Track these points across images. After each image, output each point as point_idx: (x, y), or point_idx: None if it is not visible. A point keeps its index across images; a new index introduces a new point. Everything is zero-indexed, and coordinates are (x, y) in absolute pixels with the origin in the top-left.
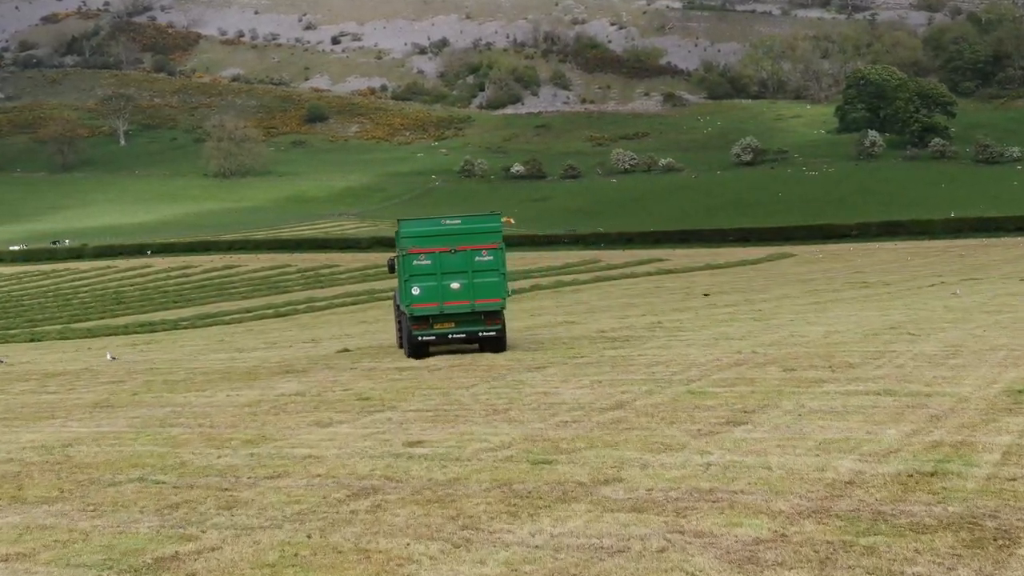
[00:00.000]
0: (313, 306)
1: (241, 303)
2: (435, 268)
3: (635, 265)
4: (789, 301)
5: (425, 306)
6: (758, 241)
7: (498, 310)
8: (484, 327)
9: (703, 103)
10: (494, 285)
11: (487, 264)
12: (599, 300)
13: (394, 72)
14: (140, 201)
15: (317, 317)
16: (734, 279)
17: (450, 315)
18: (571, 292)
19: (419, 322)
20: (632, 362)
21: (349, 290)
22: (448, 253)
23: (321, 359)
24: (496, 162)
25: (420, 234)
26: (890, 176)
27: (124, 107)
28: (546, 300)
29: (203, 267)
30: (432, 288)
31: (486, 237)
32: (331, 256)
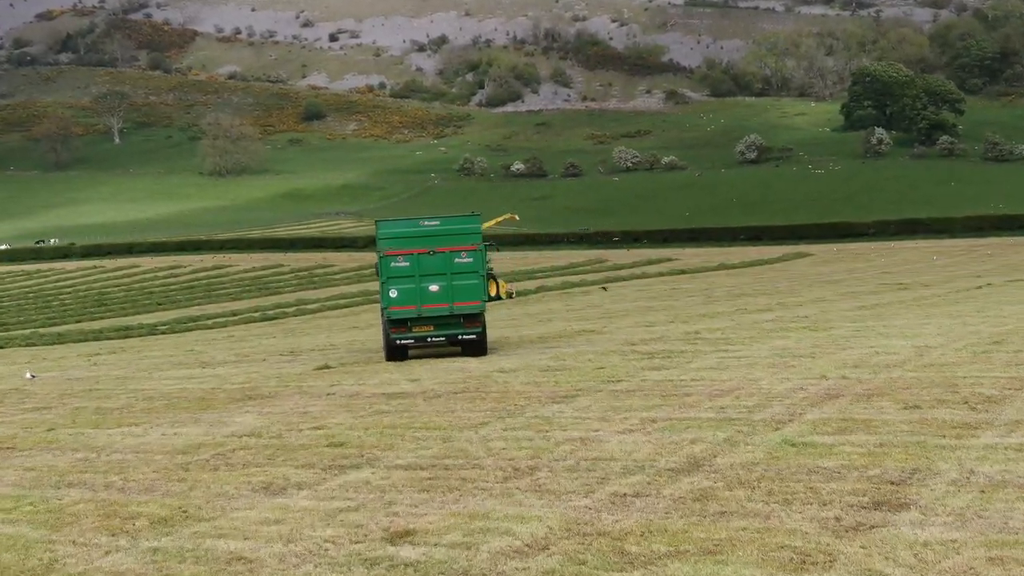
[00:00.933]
0: (303, 309)
1: (228, 305)
2: (413, 270)
3: (644, 265)
4: (829, 305)
5: (403, 309)
6: (770, 240)
7: (478, 313)
8: (463, 330)
9: (706, 100)
10: (473, 288)
11: (466, 266)
12: (613, 303)
13: (392, 69)
14: (134, 200)
15: (306, 321)
16: (753, 280)
17: (428, 318)
18: (581, 294)
19: (397, 325)
20: (687, 390)
21: (343, 291)
22: (426, 255)
23: (295, 379)
24: (496, 160)
25: (398, 235)
26: (898, 174)
27: (119, 105)
28: (554, 303)
29: (192, 267)
30: (410, 290)
31: (465, 238)
32: (326, 256)
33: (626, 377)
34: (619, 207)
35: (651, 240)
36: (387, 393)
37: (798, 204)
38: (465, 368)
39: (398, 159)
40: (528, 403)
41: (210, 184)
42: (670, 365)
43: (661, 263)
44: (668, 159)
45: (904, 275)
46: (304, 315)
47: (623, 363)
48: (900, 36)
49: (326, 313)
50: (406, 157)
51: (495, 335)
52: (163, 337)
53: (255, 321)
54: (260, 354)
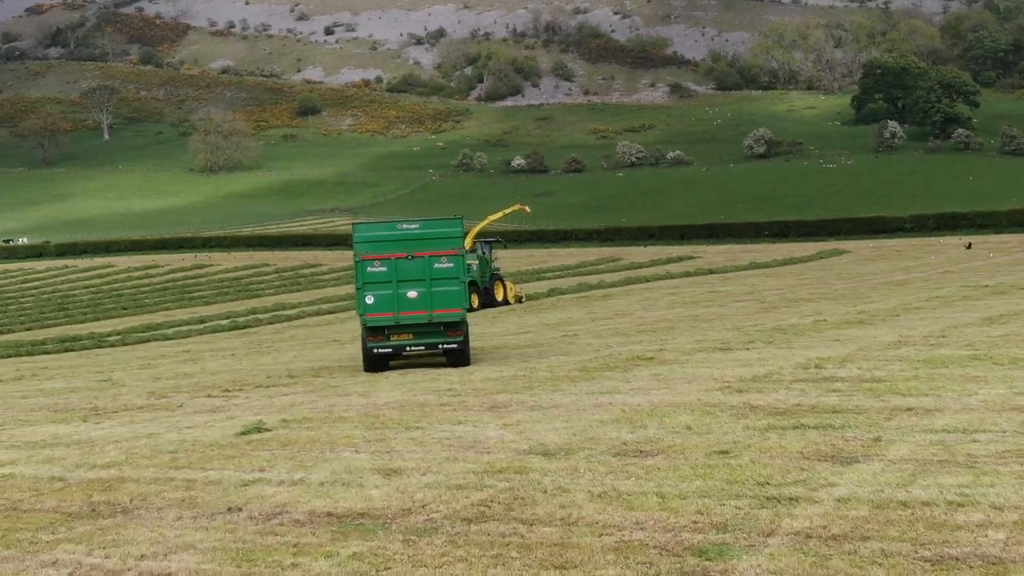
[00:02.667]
0: (280, 315)
1: (199, 310)
2: (390, 275)
3: (664, 263)
4: (934, 313)
5: (380, 316)
6: (797, 236)
7: (459, 321)
8: (444, 339)
9: (711, 94)
10: (454, 294)
11: (447, 272)
12: (645, 311)
13: (389, 63)
14: (122, 196)
15: (280, 332)
16: (797, 281)
17: (406, 326)
18: (601, 299)
19: (374, 333)
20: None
21: (328, 295)
22: (404, 259)
23: (193, 461)
24: (495, 155)
25: (375, 239)
26: (913, 168)
27: (108, 100)
28: (573, 309)
29: (170, 267)
30: (387, 297)
31: (446, 243)
32: (315, 254)
33: (796, 490)
34: (624, 203)
35: (666, 236)
36: (336, 513)
37: (811, 200)
38: (481, 446)
39: (395, 155)
40: None
41: (200, 181)
42: (870, 455)
43: (683, 261)
44: (674, 154)
45: (971, 274)
46: (280, 323)
47: (755, 441)
48: (910, 27)
49: (306, 320)
50: (403, 153)
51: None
52: (108, 351)
53: (223, 331)
54: (185, 391)
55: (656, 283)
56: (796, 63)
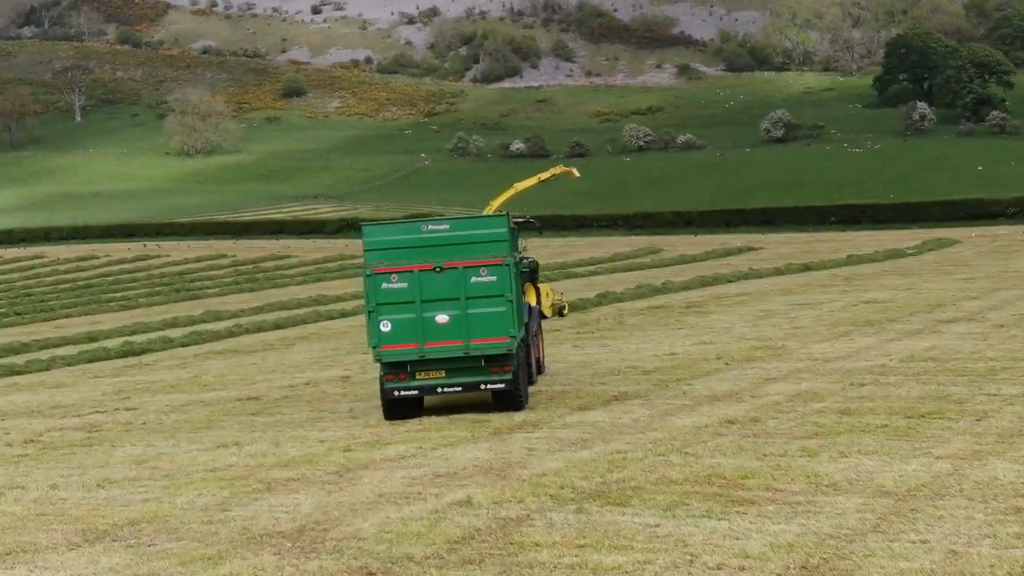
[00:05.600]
0: (204, 334)
1: (104, 319)
2: (413, 294)
3: (722, 256)
4: None
5: (399, 348)
6: (872, 223)
7: (506, 352)
8: (487, 377)
9: (721, 75)
10: (499, 318)
11: (488, 287)
12: (773, 323)
13: (380, 43)
14: (88, 181)
15: (187, 364)
16: (952, 284)
17: (436, 360)
18: (689, 311)
19: (394, 370)
20: None
21: (288, 297)
22: (431, 272)
23: None
24: (493, 139)
25: (391, 244)
26: (947, 153)
27: (81, 80)
28: (669, 334)
29: (109, 258)
30: (408, 323)
31: (487, 248)
32: (285, 243)
33: None
34: (632, 189)
35: (708, 223)
36: None
37: (841, 186)
38: None
39: (385, 139)
40: None
41: (175, 165)
42: None
43: (744, 254)
44: (684, 137)
45: None
46: (201, 343)
47: None
48: (933, 5)
49: (241, 340)
50: (394, 136)
51: None
52: None
53: (111, 358)
54: None
55: (743, 285)
56: (812, 43)
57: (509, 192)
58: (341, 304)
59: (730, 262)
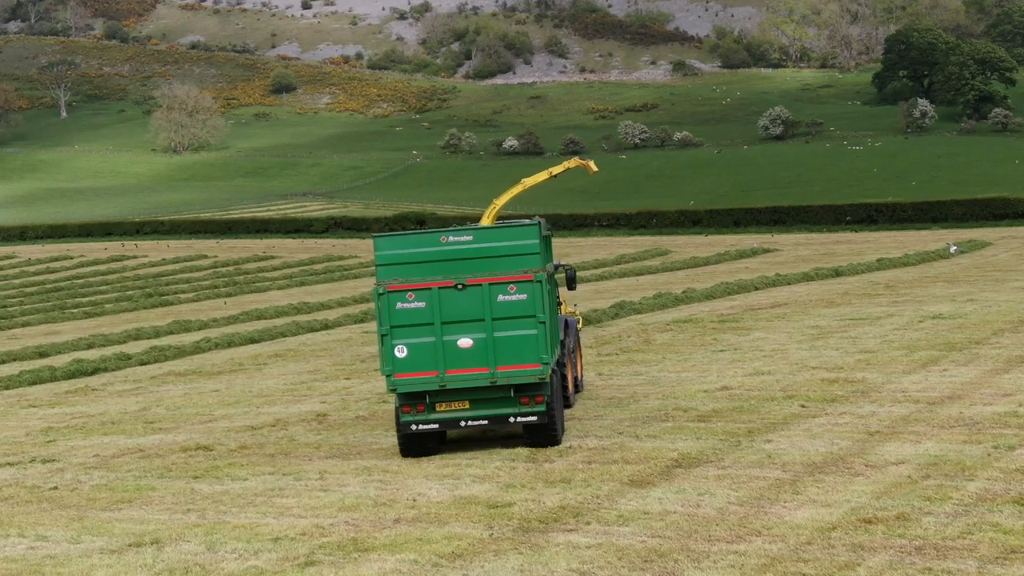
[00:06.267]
0: (167, 350)
1: (60, 331)
2: (431, 314)
3: (734, 259)
4: None
5: (417, 376)
6: (889, 223)
7: (539, 381)
8: (517, 408)
9: (717, 72)
10: (530, 341)
11: (517, 307)
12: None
13: (371, 39)
14: (73, 179)
15: (160, 380)
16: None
17: (459, 390)
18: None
19: (411, 401)
20: None
21: (267, 304)
22: (452, 289)
23: None
24: (485, 136)
25: (407, 258)
26: (949, 151)
27: (67, 75)
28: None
29: (83, 259)
30: (427, 347)
31: (516, 262)
32: (270, 243)
33: None
34: (628, 188)
35: (716, 223)
36: None
37: (842, 184)
38: None
39: (376, 136)
40: None
41: (162, 161)
42: None
43: (759, 256)
44: (681, 135)
45: None
46: (162, 361)
47: None
48: (932, 1)
49: (207, 358)
50: (385, 133)
51: None
52: None
53: (56, 379)
54: None
55: (772, 293)
56: (809, 39)
57: (516, 189)
58: (324, 313)
59: (747, 265)
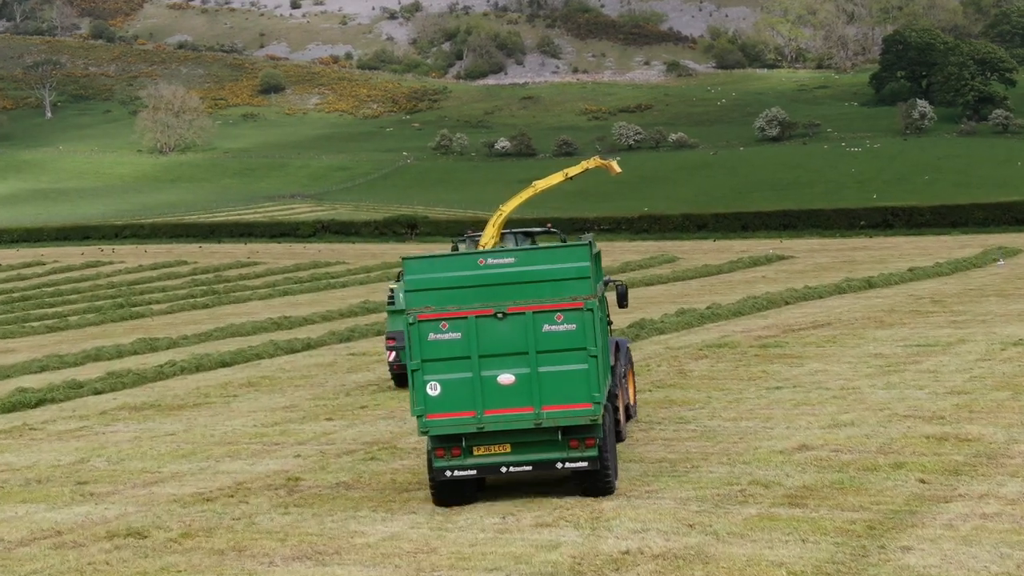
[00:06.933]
0: (135, 370)
1: (16, 348)
2: (468, 346)
3: (748, 266)
4: None
5: (451, 417)
6: (906, 227)
7: (590, 423)
8: (566, 453)
9: (712, 73)
10: (579, 377)
11: (565, 338)
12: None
13: (360, 39)
14: (57, 180)
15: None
16: None
17: (499, 432)
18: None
19: (445, 445)
20: None
21: (246, 318)
22: (492, 318)
23: None
24: (477, 137)
25: (440, 283)
26: (950, 152)
27: (52, 75)
28: (768, 400)
29: (56, 265)
30: (463, 384)
31: (564, 287)
32: (255, 248)
33: None
34: (624, 189)
35: (722, 227)
36: None
37: (842, 186)
38: None
39: (366, 136)
40: None
41: (148, 162)
42: None
43: (774, 263)
44: (676, 136)
45: None
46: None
47: None
48: (930, 1)
49: (169, 387)
50: (375, 134)
51: None
52: None
53: None
54: None
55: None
56: (805, 39)
57: (528, 192)
58: (307, 329)
59: (764, 274)
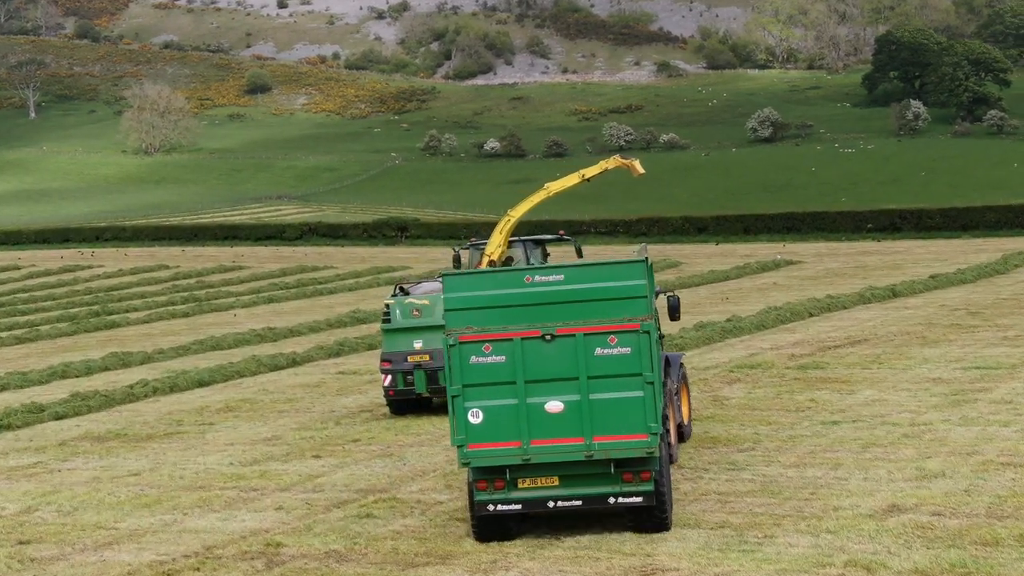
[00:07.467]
0: (104, 392)
1: None
2: (513, 371)
3: (756, 272)
4: None
5: (495, 447)
6: (914, 231)
7: (647, 456)
8: (619, 487)
9: (703, 73)
10: (635, 405)
11: (619, 362)
12: None
13: (348, 39)
14: (40, 182)
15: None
16: None
17: (547, 464)
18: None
19: (488, 477)
20: None
21: (227, 330)
22: (539, 340)
23: None
24: (466, 138)
25: (483, 302)
26: (944, 154)
27: (36, 75)
28: (828, 439)
29: (33, 269)
30: (508, 411)
31: (618, 307)
32: (240, 251)
33: None
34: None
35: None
36: None
37: (837, 188)
38: None
39: (353, 137)
40: None
41: (133, 163)
42: None
43: (781, 269)
44: (667, 136)
45: None
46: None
47: None
48: (922, 1)
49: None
50: (363, 134)
51: None
52: None
53: None
54: None
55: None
56: (796, 39)
57: (539, 195)
58: (292, 342)
59: (775, 280)
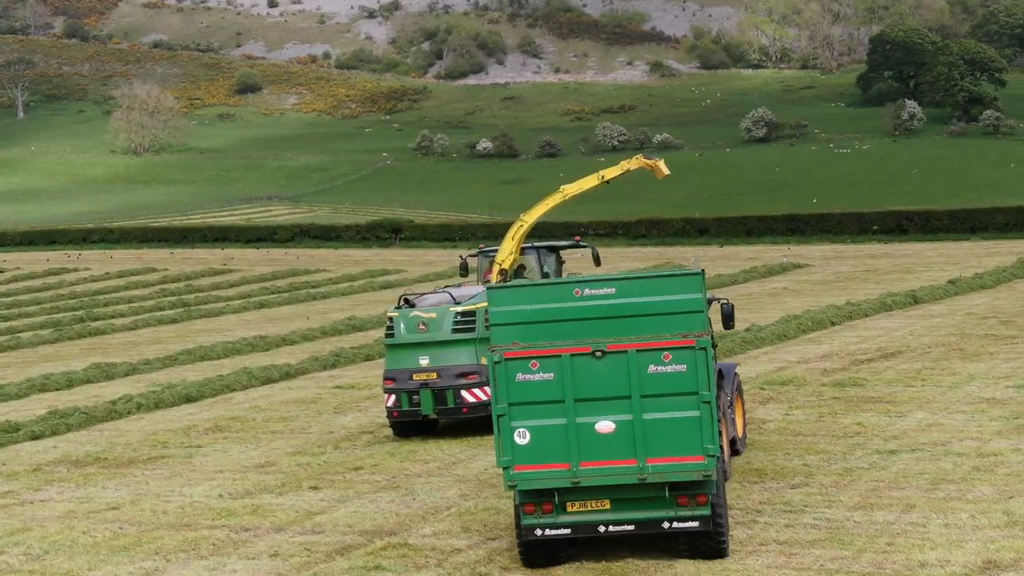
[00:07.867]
0: (84, 409)
1: None
2: (562, 390)
3: (764, 276)
4: None
5: (542, 469)
6: (921, 233)
7: (703, 479)
8: (674, 512)
9: (696, 73)
10: (690, 426)
11: (674, 381)
12: None
13: (338, 38)
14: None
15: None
16: None
17: (597, 488)
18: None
19: (536, 500)
20: None
21: (217, 339)
22: (589, 357)
23: None
24: (458, 138)
25: (530, 316)
26: (940, 154)
27: (24, 74)
28: (893, 487)
29: (18, 272)
30: (556, 432)
31: (672, 322)
32: (229, 253)
33: None
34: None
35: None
36: None
37: (832, 188)
38: None
39: (344, 137)
40: None
41: (122, 163)
42: None
43: (789, 272)
44: (661, 137)
45: None
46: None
47: None
48: (916, 1)
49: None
50: (354, 135)
51: None
52: None
53: None
54: None
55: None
56: (789, 39)
57: (555, 198)
58: (285, 352)
59: (784, 285)
